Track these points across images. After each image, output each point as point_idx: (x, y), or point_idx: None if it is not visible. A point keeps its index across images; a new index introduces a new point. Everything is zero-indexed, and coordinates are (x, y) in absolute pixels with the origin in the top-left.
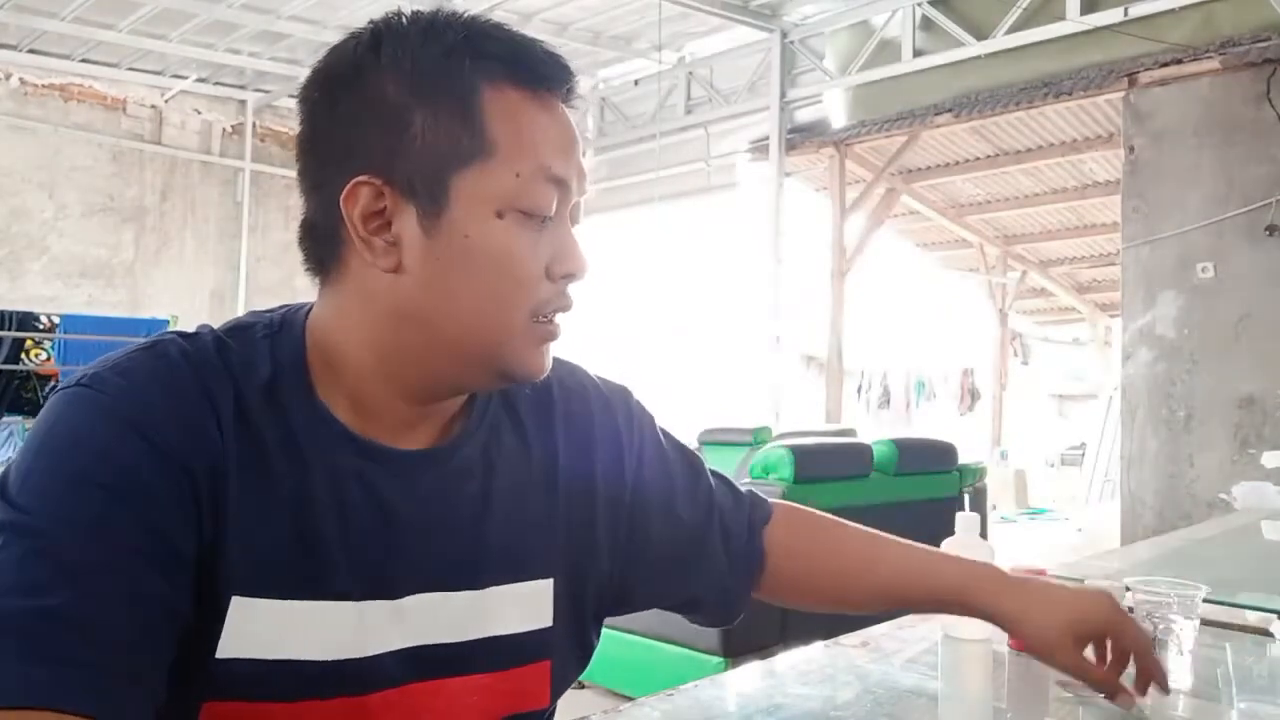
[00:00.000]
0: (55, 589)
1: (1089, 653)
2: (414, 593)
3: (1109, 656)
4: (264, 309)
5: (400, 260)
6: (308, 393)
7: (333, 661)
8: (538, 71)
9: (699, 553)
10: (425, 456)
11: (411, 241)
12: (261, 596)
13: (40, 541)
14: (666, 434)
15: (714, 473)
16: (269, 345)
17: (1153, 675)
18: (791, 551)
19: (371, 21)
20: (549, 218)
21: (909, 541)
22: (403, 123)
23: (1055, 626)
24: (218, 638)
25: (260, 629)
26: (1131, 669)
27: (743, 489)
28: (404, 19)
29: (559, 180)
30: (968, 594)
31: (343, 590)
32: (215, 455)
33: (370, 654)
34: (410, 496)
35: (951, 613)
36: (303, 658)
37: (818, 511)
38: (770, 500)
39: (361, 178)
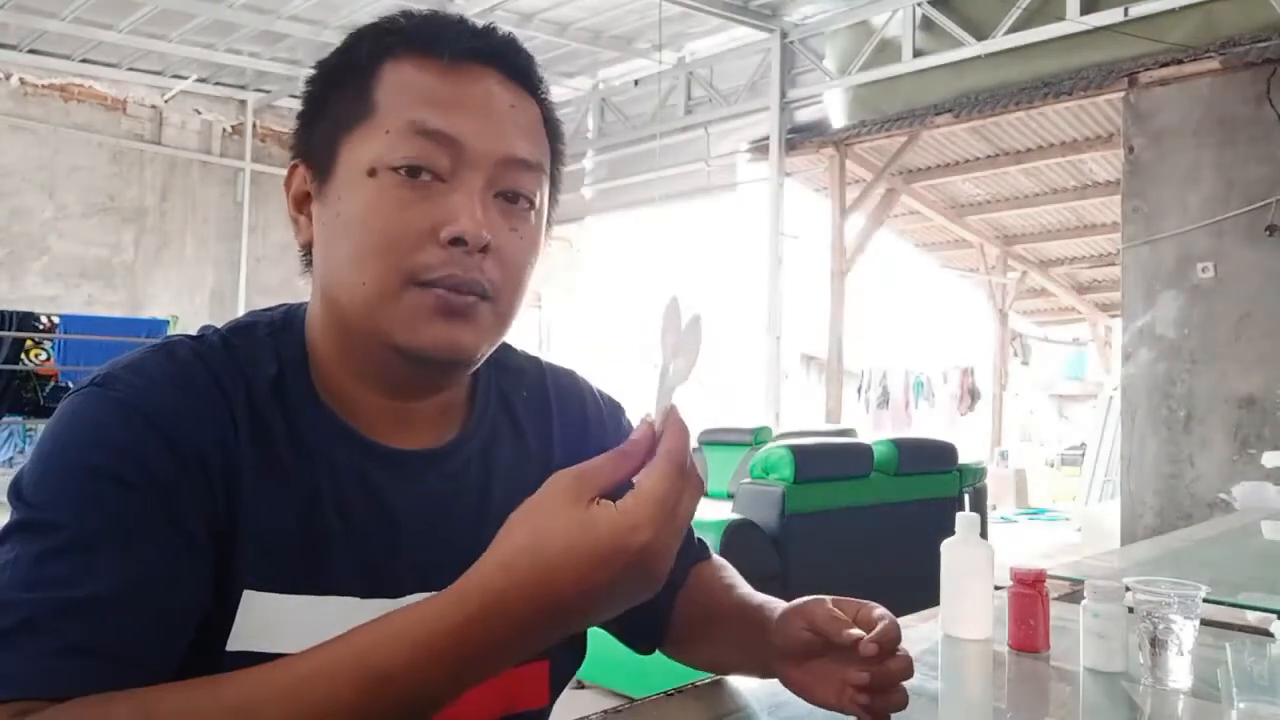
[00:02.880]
0: (75, 583)
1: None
2: (414, 591)
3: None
4: (264, 309)
5: (311, 234)
6: (310, 391)
7: None
8: (439, 37)
9: None
10: (425, 457)
11: (315, 213)
12: (270, 590)
13: (59, 538)
14: None
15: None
16: (273, 344)
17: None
18: (689, 607)
19: None
20: (434, 176)
21: (765, 606)
22: (316, 106)
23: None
24: (229, 630)
25: (268, 623)
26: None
27: (694, 535)
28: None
29: (438, 135)
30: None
31: (346, 587)
32: (230, 451)
33: None
34: (409, 496)
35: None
36: None
37: (730, 574)
38: (710, 558)
39: (295, 161)
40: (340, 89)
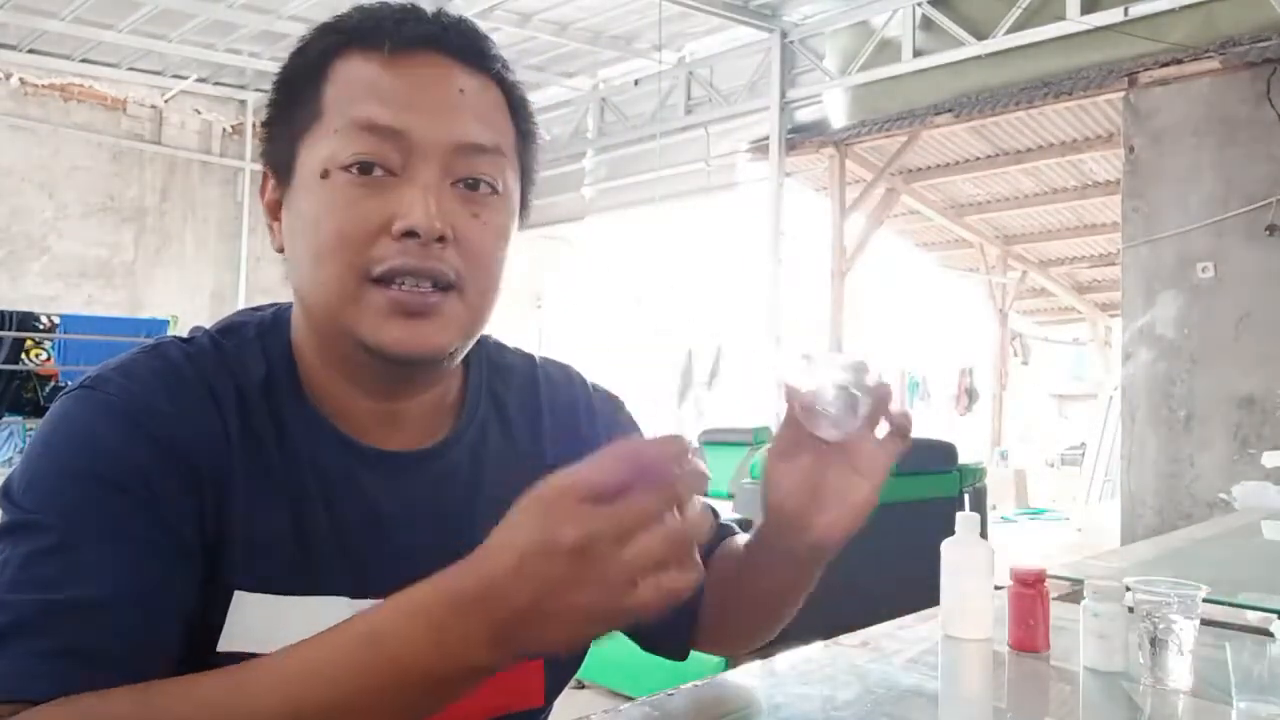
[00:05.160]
0: (63, 584)
1: None
2: None
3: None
4: (253, 308)
5: (282, 241)
6: (298, 392)
7: None
8: (379, 28)
9: None
10: (413, 458)
11: (282, 219)
12: (261, 591)
13: (48, 539)
14: None
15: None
16: (261, 345)
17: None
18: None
19: None
20: (386, 171)
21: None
22: (277, 113)
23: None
24: (219, 632)
25: (259, 624)
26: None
27: (721, 520)
28: None
29: (382, 129)
30: (769, 536)
31: (336, 587)
32: (220, 452)
33: None
34: (397, 497)
35: (789, 563)
36: None
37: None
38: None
39: (264, 170)
40: (294, 93)
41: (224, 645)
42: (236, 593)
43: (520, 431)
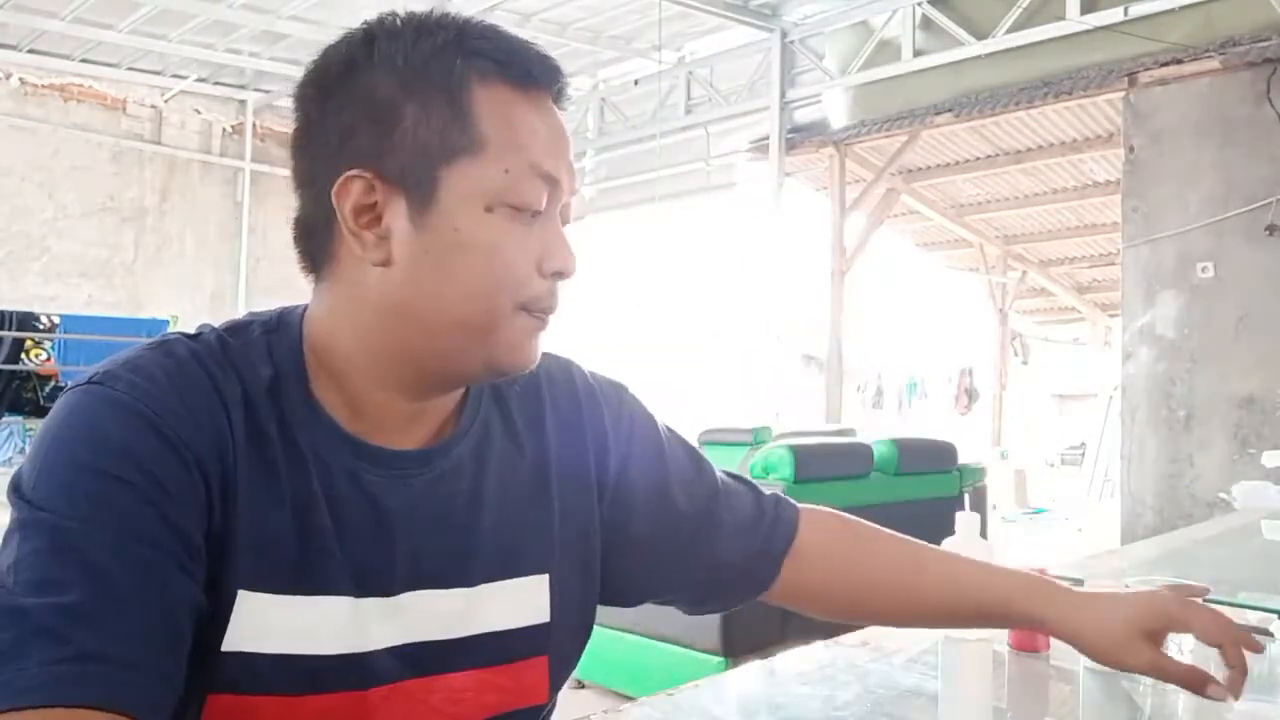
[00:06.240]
0: (76, 585)
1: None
2: (408, 590)
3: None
4: (260, 310)
5: (390, 254)
6: (305, 392)
7: (332, 656)
8: (529, 70)
9: (693, 547)
10: (417, 457)
11: (401, 234)
12: (264, 591)
13: (58, 538)
14: (671, 430)
15: (735, 476)
16: (267, 344)
17: (1233, 666)
18: (825, 556)
19: (365, 21)
20: (538, 213)
21: (948, 551)
22: (393, 117)
23: (1117, 627)
24: (224, 631)
25: (263, 623)
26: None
27: (768, 495)
28: (398, 19)
29: (548, 177)
30: (1017, 604)
31: (340, 586)
32: (225, 451)
33: (368, 649)
34: (402, 496)
35: (999, 625)
36: (303, 652)
37: (853, 518)
38: (801, 506)
39: (353, 171)
40: (425, 106)
41: (229, 645)
42: (240, 592)
43: (523, 429)
